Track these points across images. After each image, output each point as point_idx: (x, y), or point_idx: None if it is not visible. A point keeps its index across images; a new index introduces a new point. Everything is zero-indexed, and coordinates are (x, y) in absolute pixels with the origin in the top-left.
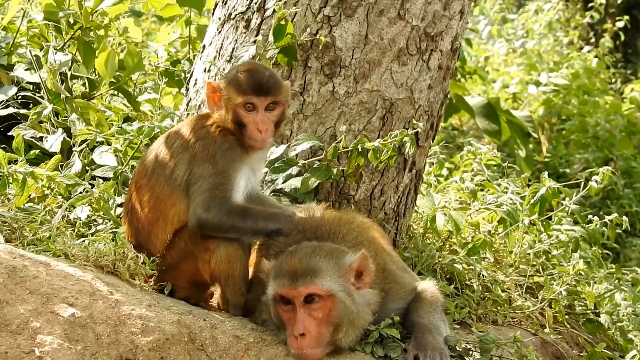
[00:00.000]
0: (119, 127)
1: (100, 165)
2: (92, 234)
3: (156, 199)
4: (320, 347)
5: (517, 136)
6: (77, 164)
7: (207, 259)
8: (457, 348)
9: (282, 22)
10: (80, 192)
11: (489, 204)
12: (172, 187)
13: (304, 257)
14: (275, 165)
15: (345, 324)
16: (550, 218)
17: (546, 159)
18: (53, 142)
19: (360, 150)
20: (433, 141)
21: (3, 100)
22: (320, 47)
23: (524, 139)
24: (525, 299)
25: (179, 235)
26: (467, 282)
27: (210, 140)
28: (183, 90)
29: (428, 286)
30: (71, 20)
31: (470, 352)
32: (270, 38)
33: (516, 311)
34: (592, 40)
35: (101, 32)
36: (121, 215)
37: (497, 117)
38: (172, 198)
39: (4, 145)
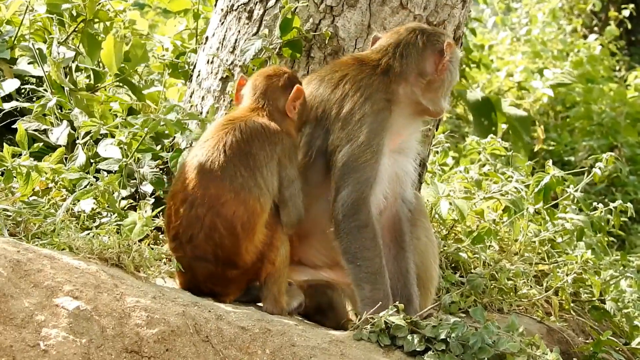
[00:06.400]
0: (123, 118)
1: (105, 158)
2: (97, 227)
3: (251, 213)
4: None
5: (514, 132)
6: (81, 157)
7: (273, 259)
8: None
9: (289, 16)
10: (85, 186)
11: (494, 192)
12: (265, 197)
13: None
14: None
15: None
16: (555, 206)
17: (551, 147)
18: (59, 134)
19: None
20: (437, 130)
21: (6, 94)
22: (325, 38)
23: (520, 136)
24: (531, 286)
25: (262, 242)
26: (472, 271)
27: (287, 141)
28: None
29: None
30: (74, 13)
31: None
32: (276, 31)
33: (522, 299)
34: (596, 28)
35: (107, 24)
36: (125, 208)
37: (494, 116)
38: (265, 208)
39: (9, 137)
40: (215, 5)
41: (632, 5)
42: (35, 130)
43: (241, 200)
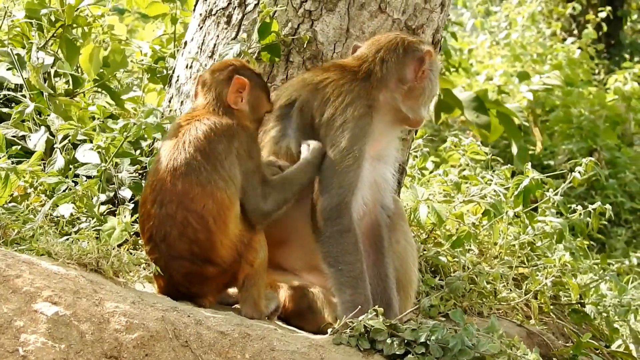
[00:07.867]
0: (101, 121)
1: (84, 164)
2: (76, 232)
3: (220, 205)
4: None
5: (508, 129)
6: (59, 161)
7: (251, 261)
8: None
9: (267, 20)
10: (64, 190)
11: (473, 196)
12: (232, 189)
13: None
14: None
15: None
16: (535, 209)
17: (530, 151)
18: (37, 140)
19: None
20: (415, 134)
21: None
22: (303, 42)
23: (515, 132)
24: (511, 290)
25: (238, 239)
26: (452, 275)
27: (243, 134)
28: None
29: None
30: (53, 18)
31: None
32: (254, 36)
33: (501, 302)
34: (575, 31)
35: (85, 29)
36: (104, 213)
37: (486, 111)
38: (234, 200)
39: None
40: (194, 10)
41: (608, 8)
42: (13, 136)
43: (208, 193)
